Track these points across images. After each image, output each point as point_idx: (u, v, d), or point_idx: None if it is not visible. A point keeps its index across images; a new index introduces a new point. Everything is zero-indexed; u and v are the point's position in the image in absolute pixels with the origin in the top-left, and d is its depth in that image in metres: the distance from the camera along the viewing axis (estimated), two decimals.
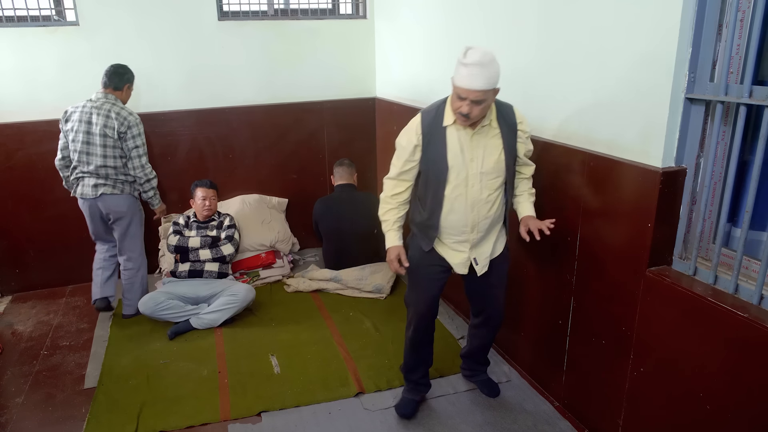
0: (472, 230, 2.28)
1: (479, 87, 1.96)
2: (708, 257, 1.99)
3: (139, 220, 3.51)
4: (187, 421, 2.60)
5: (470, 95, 1.99)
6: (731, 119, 1.84)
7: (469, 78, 1.96)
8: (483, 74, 1.94)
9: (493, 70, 1.97)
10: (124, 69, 3.37)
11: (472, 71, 1.94)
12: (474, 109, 2.02)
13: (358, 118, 4.54)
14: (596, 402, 2.40)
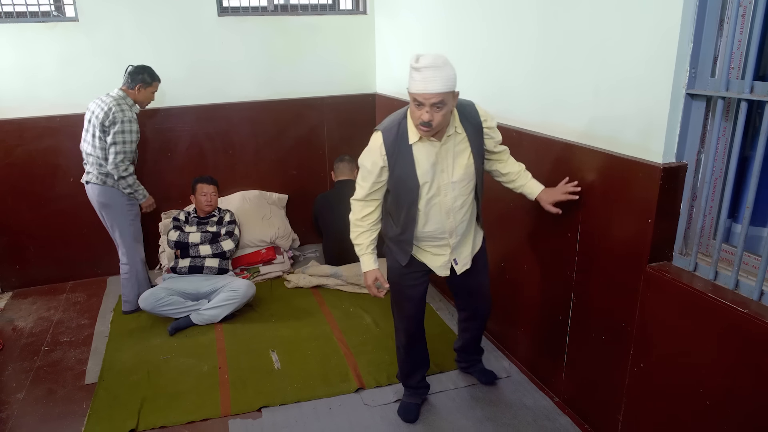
0: (451, 236, 2.29)
1: (436, 90, 1.89)
2: (708, 253, 1.99)
3: (124, 214, 3.45)
4: (187, 417, 2.61)
5: (428, 99, 1.91)
6: (732, 115, 1.84)
7: (424, 82, 1.89)
8: (438, 76, 1.88)
9: (447, 71, 1.90)
10: (138, 69, 3.37)
11: (426, 75, 1.87)
12: (435, 116, 1.94)
13: (359, 114, 4.54)
14: (596, 397, 2.41)
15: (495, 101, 2.88)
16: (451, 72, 1.92)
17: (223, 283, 3.51)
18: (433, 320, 3.42)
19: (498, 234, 2.97)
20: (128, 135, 3.29)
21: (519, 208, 2.75)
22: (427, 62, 1.87)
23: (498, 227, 2.96)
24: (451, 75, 1.92)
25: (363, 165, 2.22)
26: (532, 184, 2.37)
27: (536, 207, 2.60)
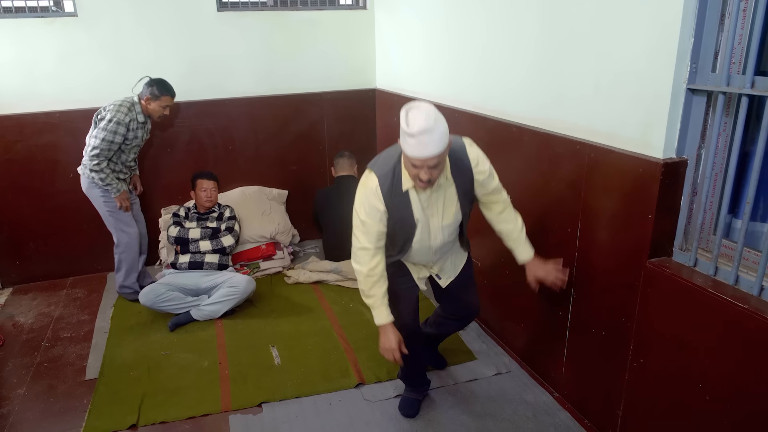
0: (434, 263, 2.38)
1: (432, 154, 1.84)
2: (708, 248, 1.99)
3: (100, 205, 3.51)
4: (188, 412, 2.61)
5: (426, 163, 1.88)
6: (733, 110, 1.83)
7: (420, 147, 1.83)
8: (432, 140, 1.82)
9: (440, 130, 1.84)
10: (150, 82, 3.42)
11: (421, 140, 1.82)
12: (433, 173, 1.92)
13: (359, 109, 4.53)
14: (596, 393, 2.41)
15: (495, 97, 2.88)
16: (443, 129, 1.86)
17: (223, 278, 3.51)
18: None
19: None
20: (110, 134, 3.30)
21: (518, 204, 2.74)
22: (420, 127, 1.80)
23: None
24: (444, 132, 1.86)
25: (361, 216, 2.17)
26: (523, 249, 2.29)
27: (536, 204, 2.60)
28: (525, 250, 2.31)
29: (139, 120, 3.44)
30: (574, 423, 2.48)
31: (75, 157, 3.88)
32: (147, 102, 3.41)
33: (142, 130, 3.52)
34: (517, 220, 2.31)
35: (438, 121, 1.84)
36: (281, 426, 2.52)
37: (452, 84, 3.31)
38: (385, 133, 4.48)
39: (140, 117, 3.44)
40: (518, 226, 2.31)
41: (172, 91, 3.48)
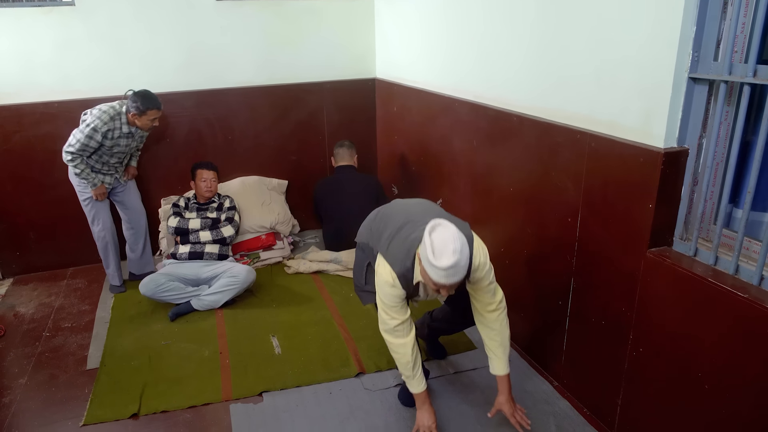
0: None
1: (457, 280, 1.88)
2: (709, 238, 1.99)
3: (78, 195, 3.55)
4: (189, 401, 2.63)
5: (448, 288, 1.92)
6: (735, 99, 1.83)
7: (447, 278, 1.86)
8: (458, 271, 1.85)
9: (464, 261, 1.85)
10: (133, 98, 3.35)
11: (449, 273, 1.84)
12: (452, 290, 1.97)
13: (358, 99, 4.51)
14: (595, 382, 2.42)
15: (495, 85, 2.86)
16: (466, 258, 1.87)
17: (224, 268, 3.51)
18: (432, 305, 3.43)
19: (498, 219, 2.97)
20: (85, 138, 3.28)
21: (519, 193, 2.75)
22: (448, 263, 1.81)
23: (498, 212, 2.96)
24: (467, 261, 1.88)
25: (387, 299, 2.14)
26: (498, 363, 2.27)
27: (536, 193, 2.60)
28: (500, 366, 2.27)
29: (123, 131, 3.40)
30: (574, 412, 2.49)
31: None
32: (133, 117, 3.36)
33: (128, 140, 3.49)
34: (503, 332, 2.24)
35: (463, 251, 1.84)
36: (282, 415, 2.53)
37: (452, 72, 3.29)
38: (385, 123, 4.47)
39: (125, 128, 3.41)
40: (503, 337, 2.24)
41: (157, 103, 3.40)
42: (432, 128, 3.60)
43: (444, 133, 3.44)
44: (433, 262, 1.83)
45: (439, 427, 2.34)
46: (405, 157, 4.15)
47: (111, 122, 3.33)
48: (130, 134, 3.47)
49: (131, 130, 3.45)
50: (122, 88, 3.89)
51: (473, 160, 3.13)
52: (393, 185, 4.44)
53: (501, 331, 2.24)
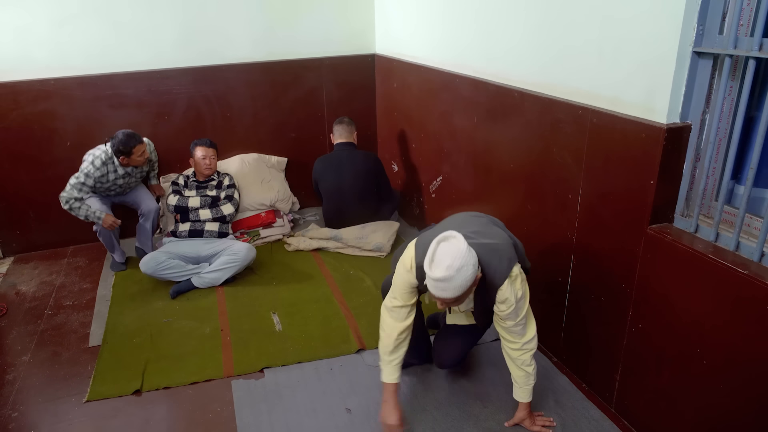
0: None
1: (449, 296, 1.87)
2: (710, 215, 1.98)
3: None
4: (191, 378, 2.65)
5: (445, 302, 1.93)
6: (739, 74, 1.80)
7: (437, 290, 1.86)
8: (451, 287, 1.83)
9: (461, 279, 1.83)
10: (113, 144, 3.40)
11: (440, 286, 1.84)
12: (453, 305, 1.98)
13: (358, 75, 4.46)
14: (594, 358, 2.44)
15: (495, 58, 2.83)
16: (463, 277, 1.83)
17: (224, 246, 3.52)
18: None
19: (498, 196, 2.96)
20: (78, 185, 3.39)
21: (519, 170, 2.73)
22: (439, 275, 1.81)
23: (498, 189, 2.95)
24: (464, 279, 1.84)
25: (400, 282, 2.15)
26: (518, 391, 2.24)
27: (537, 170, 2.59)
28: (520, 394, 2.25)
29: (118, 173, 3.51)
30: (572, 387, 2.52)
31: (71, 126, 3.86)
32: (123, 161, 3.44)
33: (127, 177, 3.61)
34: (527, 369, 2.17)
35: (461, 271, 1.81)
36: (283, 391, 2.55)
37: (452, 46, 3.25)
38: (384, 99, 4.43)
39: (119, 170, 3.51)
40: (526, 373, 2.18)
41: (137, 138, 3.43)
42: (432, 105, 3.57)
43: (444, 109, 3.41)
44: (426, 269, 1.84)
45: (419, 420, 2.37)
46: (405, 134, 4.12)
47: (103, 167, 3.44)
48: (127, 173, 3.58)
49: (127, 170, 3.56)
50: (119, 65, 3.88)
51: (474, 136, 3.11)
52: (393, 162, 4.42)
53: (523, 367, 2.18)
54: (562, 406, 2.40)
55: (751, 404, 1.73)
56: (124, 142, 3.37)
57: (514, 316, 2.06)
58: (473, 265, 1.86)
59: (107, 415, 2.45)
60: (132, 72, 3.91)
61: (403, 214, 4.40)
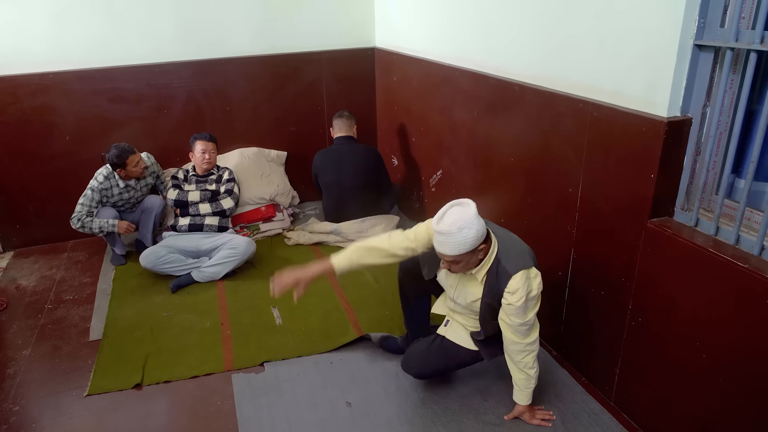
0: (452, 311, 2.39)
1: (448, 253, 1.97)
2: (710, 208, 1.98)
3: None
4: (191, 372, 2.65)
5: (443, 257, 2.03)
6: (740, 67, 1.79)
7: (438, 244, 1.99)
8: (449, 242, 1.94)
9: (460, 238, 1.92)
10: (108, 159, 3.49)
11: (440, 239, 1.96)
12: (453, 267, 2.05)
13: (358, 68, 4.45)
14: (594, 351, 2.44)
15: (495, 52, 2.82)
16: (464, 237, 1.92)
17: (224, 240, 3.52)
18: None
19: (498, 190, 2.96)
20: (87, 200, 3.51)
21: (520, 164, 2.73)
22: (441, 228, 1.94)
23: (499, 183, 2.95)
24: (464, 240, 1.93)
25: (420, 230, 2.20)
26: (517, 393, 2.28)
27: (537, 164, 2.58)
28: (519, 396, 2.28)
29: (120, 186, 3.59)
30: (572, 381, 2.52)
31: (70, 119, 3.85)
32: (121, 173, 3.53)
33: (131, 192, 3.68)
34: (528, 371, 2.20)
35: (462, 230, 1.91)
36: (283, 384, 2.56)
37: (451, 39, 3.24)
38: (384, 93, 4.42)
39: (121, 183, 3.59)
40: (527, 375, 2.21)
41: (129, 149, 3.49)
42: (432, 98, 3.56)
43: (444, 103, 3.40)
44: (434, 223, 1.98)
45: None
46: (405, 128, 4.11)
47: (106, 181, 3.53)
48: (130, 186, 3.65)
49: (129, 183, 3.63)
50: (118, 59, 3.87)
51: (474, 130, 3.10)
52: (393, 156, 4.41)
53: (525, 370, 2.20)
54: (562, 400, 2.41)
55: (751, 397, 1.73)
56: (117, 155, 3.45)
57: (522, 314, 2.06)
58: (476, 231, 1.94)
59: (108, 409, 2.45)
60: (131, 66, 3.90)
61: (403, 208, 4.40)
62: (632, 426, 2.25)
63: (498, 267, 2.06)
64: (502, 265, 2.05)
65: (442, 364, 2.40)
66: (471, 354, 2.35)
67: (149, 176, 3.79)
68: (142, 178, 3.71)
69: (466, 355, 2.35)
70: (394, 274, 3.42)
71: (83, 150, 3.89)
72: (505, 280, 2.03)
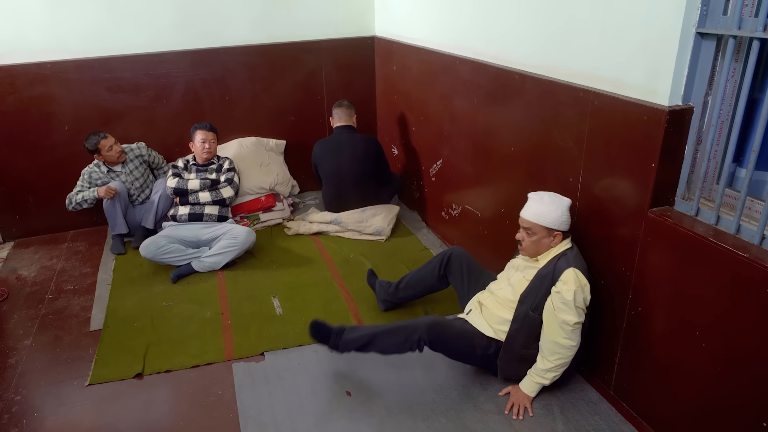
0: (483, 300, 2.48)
1: (526, 216, 2.23)
2: (711, 198, 1.97)
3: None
4: (192, 361, 2.66)
5: (521, 222, 2.26)
6: (743, 55, 1.78)
7: (525, 207, 2.26)
8: (532, 208, 2.21)
9: (543, 209, 2.18)
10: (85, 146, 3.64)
11: (528, 203, 2.25)
12: (525, 238, 2.26)
13: (357, 57, 4.42)
14: (593, 341, 2.44)
15: (495, 39, 2.80)
16: (545, 210, 2.19)
17: (224, 230, 3.52)
18: None
19: (499, 179, 2.95)
20: (81, 179, 3.70)
21: (520, 153, 2.72)
22: (536, 196, 2.25)
23: (499, 172, 2.94)
24: (545, 212, 2.19)
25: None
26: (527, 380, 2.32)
27: (538, 153, 2.57)
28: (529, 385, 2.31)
29: (101, 170, 3.72)
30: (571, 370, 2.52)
31: (69, 109, 3.84)
32: (99, 158, 3.68)
33: (122, 177, 3.76)
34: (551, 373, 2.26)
35: (549, 205, 2.20)
36: (283, 373, 2.57)
37: (451, 27, 3.22)
38: (384, 82, 4.39)
39: (103, 167, 3.72)
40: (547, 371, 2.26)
41: (99, 135, 3.62)
42: (432, 87, 3.54)
43: (444, 92, 3.38)
44: (531, 194, 2.27)
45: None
46: (405, 117, 4.09)
47: (95, 167, 3.72)
48: (114, 173, 3.76)
49: (116, 169, 3.75)
50: (116, 48, 3.86)
51: (474, 119, 3.09)
52: (393, 145, 4.40)
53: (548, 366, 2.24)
54: (561, 389, 2.41)
55: (750, 387, 1.73)
56: (88, 141, 3.63)
57: (570, 310, 2.13)
58: (559, 215, 2.19)
59: (109, 398, 2.47)
60: (129, 55, 3.88)
61: (403, 198, 4.39)
62: (631, 415, 2.26)
63: (559, 260, 2.21)
64: (564, 259, 2.20)
65: (458, 337, 2.39)
66: (483, 347, 2.36)
67: (135, 162, 3.84)
68: (123, 163, 3.77)
69: (479, 344, 2.37)
70: (394, 264, 3.44)
71: (82, 140, 3.86)
72: (561, 270, 2.17)
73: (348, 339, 2.44)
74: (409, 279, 2.86)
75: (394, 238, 3.85)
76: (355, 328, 2.52)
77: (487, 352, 2.36)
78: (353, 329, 2.50)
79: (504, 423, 2.25)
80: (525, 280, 2.31)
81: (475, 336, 2.38)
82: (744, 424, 1.77)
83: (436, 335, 2.34)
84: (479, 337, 2.37)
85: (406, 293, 2.89)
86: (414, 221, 4.11)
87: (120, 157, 3.71)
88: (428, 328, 2.33)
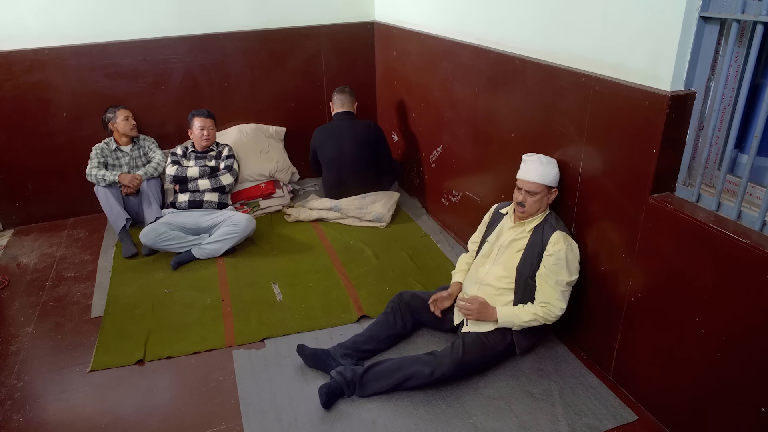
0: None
1: (533, 179, 2.31)
2: (712, 184, 1.96)
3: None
4: (193, 348, 2.67)
5: (525, 185, 2.33)
6: (746, 39, 1.76)
7: (526, 171, 2.34)
8: (536, 168, 2.32)
9: (547, 169, 2.32)
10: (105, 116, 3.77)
11: (528, 165, 2.34)
12: (528, 199, 2.33)
13: (357, 43, 4.39)
14: (593, 326, 2.45)
15: (495, 22, 2.77)
16: (549, 170, 2.33)
17: (224, 217, 3.51)
18: (432, 252, 3.45)
19: (499, 165, 2.94)
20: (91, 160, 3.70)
21: (521, 139, 2.70)
22: (534, 158, 2.35)
23: (499, 158, 2.93)
24: (548, 172, 2.33)
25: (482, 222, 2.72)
26: (502, 309, 2.38)
27: (539, 139, 2.56)
28: (503, 314, 2.36)
29: (110, 147, 3.75)
30: (571, 355, 2.53)
31: (67, 96, 3.82)
32: (113, 126, 3.73)
33: (126, 157, 3.80)
34: (522, 320, 2.34)
35: (549, 164, 2.34)
36: (284, 360, 2.58)
37: (451, 12, 3.18)
38: (384, 68, 4.36)
39: (112, 144, 3.76)
40: (518, 317, 2.34)
41: (117, 106, 3.74)
42: (433, 73, 3.52)
43: (445, 77, 3.36)
44: (525, 157, 2.38)
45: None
46: (405, 103, 4.07)
47: (104, 144, 3.75)
48: (121, 151, 3.79)
49: (123, 148, 3.79)
50: (114, 34, 3.82)
51: (474, 105, 3.07)
52: (393, 132, 4.38)
53: (525, 315, 2.33)
54: (561, 374, 2.42)
55: (749, 373, 1.74)
56: (107, 110, 3.73)
57: (564, 269, 2.28)
58: (557, 173, 2.36)
59: (111, 385, 2.48)
60: (127, 41, 3.84)
61: (403, 185, 4.38)
62: (630, 400, 2.27)
63: (546, 224, 2.36)
64: (548, 225, 2.35)
65: (479, 352, 2.34)
66: (498, 341, 2.37)
67: (141, 150, 3.88)
68: (132, 146, 3.82)
69: (495, 342, 2.37)
70: (394, 251, 3.44)
71: (81, 127, 3.86)
72: (549, 233, 2.31)
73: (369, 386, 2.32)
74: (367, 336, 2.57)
75: (394, 224, 3.84)
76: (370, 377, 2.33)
77: (506, 340, 2.39)
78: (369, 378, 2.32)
79: (504, 408, 2.26)
80: (517, 254, 2.39)
81: (487, 340, 2.37)
82: (742, 410, 1.78)
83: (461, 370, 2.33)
84: (491, 336, 2.38)
85: (371, 346, 2.56)
86: (414, 208, 4.10)
87: (132, 130, 3.77)
88: (454, 367, 2.29)
